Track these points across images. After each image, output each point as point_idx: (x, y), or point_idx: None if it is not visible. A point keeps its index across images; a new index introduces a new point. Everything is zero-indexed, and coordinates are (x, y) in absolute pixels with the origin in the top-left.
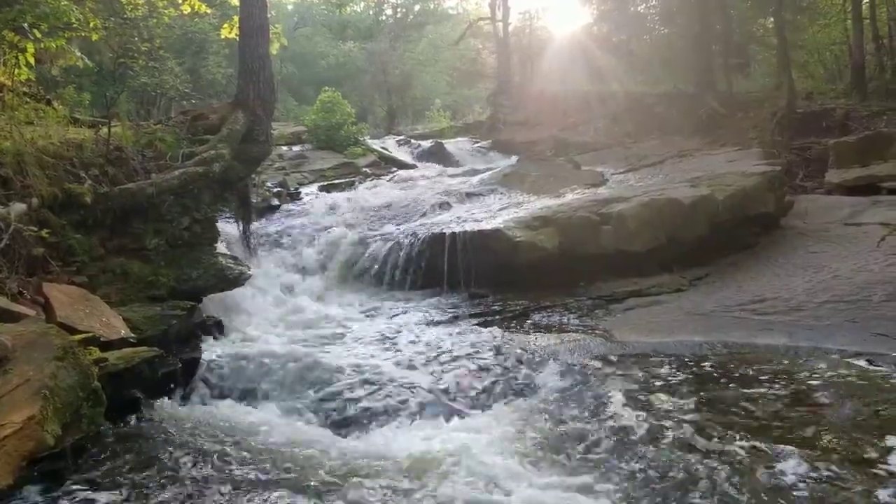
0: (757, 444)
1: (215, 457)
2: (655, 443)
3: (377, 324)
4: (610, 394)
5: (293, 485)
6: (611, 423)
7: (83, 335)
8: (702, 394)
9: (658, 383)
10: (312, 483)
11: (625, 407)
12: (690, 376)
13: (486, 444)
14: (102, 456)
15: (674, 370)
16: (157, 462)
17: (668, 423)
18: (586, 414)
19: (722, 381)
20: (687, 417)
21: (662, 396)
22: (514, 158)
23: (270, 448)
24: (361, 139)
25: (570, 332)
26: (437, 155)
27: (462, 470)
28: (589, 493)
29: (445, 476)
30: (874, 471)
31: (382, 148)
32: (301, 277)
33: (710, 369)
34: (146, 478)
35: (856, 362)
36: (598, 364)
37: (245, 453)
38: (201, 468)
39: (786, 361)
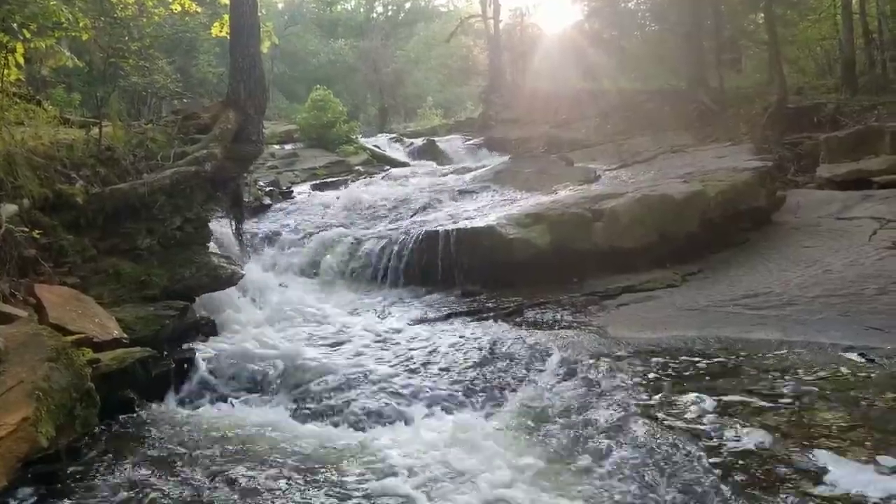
0: (755, 437)
1: (209, 457)
2: (650, 437)
3: (370, 322)
4: (604, 389)
5: (289, 484)
6: (605, 418)
7: (76, 336)
8: (697, 388)
9: (652, 378)
10: (308, 483)
11: (619, 402)
12: (684, 371)
13: (482, 439)
14: (97, 457)
15: (668, 365)
16: (152, 463)
17: (664, 418)
18: (580, 410)
19: (716, 375)
20: (682, 412)
21: (657, 391)
22: (506, 156)
23: (265, 448)
24: (353, 137)
25: (563, 328)
26: (430, 153)
27: (459, 464)
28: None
29: (443, 469)
30: (870, 463)
31: (374, 146)
32: (294, 276)
33: (704, 364)
34: (141, 479)
35: (848, 356)
36: (592, 360)
37: (238, 453)
38: (195, 468)
39: (779, 355)
